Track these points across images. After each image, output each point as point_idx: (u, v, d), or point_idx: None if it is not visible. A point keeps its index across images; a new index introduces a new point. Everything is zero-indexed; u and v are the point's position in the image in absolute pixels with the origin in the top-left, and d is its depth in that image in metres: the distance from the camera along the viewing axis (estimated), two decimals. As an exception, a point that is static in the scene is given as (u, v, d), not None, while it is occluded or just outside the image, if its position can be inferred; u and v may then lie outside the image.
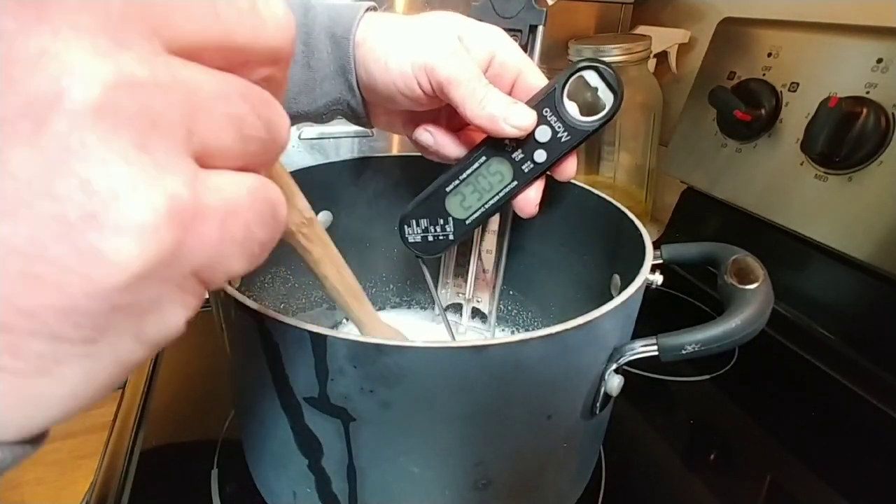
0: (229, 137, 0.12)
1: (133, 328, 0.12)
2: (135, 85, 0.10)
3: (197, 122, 0.12)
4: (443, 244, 0.37)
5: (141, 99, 0.10)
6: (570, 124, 0.32)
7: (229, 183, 0.13)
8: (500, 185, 0.34)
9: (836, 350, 0.52)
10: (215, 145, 0.12)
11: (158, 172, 0.11)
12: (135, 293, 0.11)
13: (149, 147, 0.11)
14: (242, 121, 0.13)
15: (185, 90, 0.11)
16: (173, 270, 0.11)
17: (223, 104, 0.12)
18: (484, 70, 0.32)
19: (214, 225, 0.12)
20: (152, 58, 0.11)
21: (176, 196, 0.11)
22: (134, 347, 0.12)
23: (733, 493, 0.39)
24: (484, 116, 0.31)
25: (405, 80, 0.31)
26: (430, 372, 0.24)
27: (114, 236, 0.10)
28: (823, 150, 0.51)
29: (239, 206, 0.13)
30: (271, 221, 0.14)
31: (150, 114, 0.11)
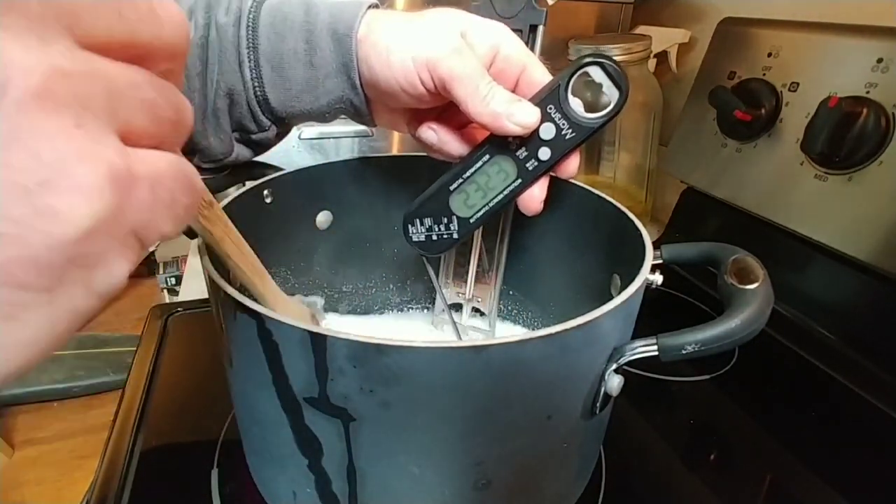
0: (146, 119, 0.15)
1: (85, 279, 0.14)
2: (65, 74, 0.12)
3: (118, 106, 0.14)
4: (447, 243, 0.37)
5: (72, 85, 0.13)
6: (574, 121, 0.32)
7: (152, 156, 0.15)
8: (504, 183, 0.34)
9: (836, 350, 0.52)
10: (135, 125, 0.14)
11: (95, 145, 0.13)
12: (86, 246, 0.13)
13: (84, 124, 0.13)
14: (154, 105, 0.15)
15: (104, 79, 0.13)
16: (116, 227, 0.14)
17: (137, 91, 0.14)
18: (487, 66, 0.32)
19: (146, 189, 0.14)
20: (72, 52, 0.13)
21: (113, 164, 0.13)
22: (86, 297, 0.14)
23: (733, 493, 0.39)
24: (487, 114, 0.31)
25: (408, 77, 0.31)
26: (430, 372, 0.24)
27: (67, 196, 0.12)
28: (823, 150, 0.51)
29: (163, 175, 0.15)
30: (191, 189, 0.16)
31: (81, 97, 0.13)
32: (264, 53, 0.34)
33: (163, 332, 0.53)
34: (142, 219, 0.14)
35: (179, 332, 0.54)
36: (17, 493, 1.11)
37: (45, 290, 0.13)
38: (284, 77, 0.34)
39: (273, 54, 0.34)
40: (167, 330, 0.54)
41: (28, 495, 1.11)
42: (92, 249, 0.13)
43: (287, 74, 0.34)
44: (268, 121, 0.36)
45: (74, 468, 1.13)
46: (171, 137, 0.16)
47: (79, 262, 0.13)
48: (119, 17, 0.14)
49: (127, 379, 0.48)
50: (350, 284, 0.49)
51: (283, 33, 0.34)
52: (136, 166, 0.14)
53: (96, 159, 0.13)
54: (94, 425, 1.23)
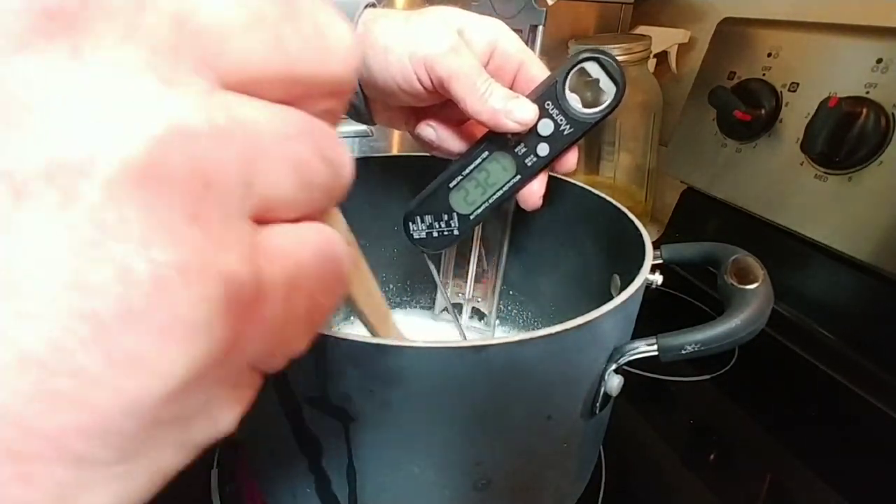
0: (292, 187, 0.10)
1: (177, 438, 0.10)
2: (188, 135, 0.08)
3: (257, 174, 0.09)
4: (448, 239, 0.37)
5: (194, 153, 0.08)
6: (572, 117, 0.32)
7: (293, 245, 0.10)
8: (503, 179, 0.34)
9: (836, 350, 0.52)
10: (276, 197, 0.10)
11: (213, 249, 0.09)
12: (181, 403, 0.09)
13: (202, 216, 0.08)
14: (307, 165, 0.10)
15: (244, 135, 0.09)
16: (228, 368, 0.10)
17: (285, 147, 0.10)
18: (485, 63, 0.32)
19: (277, 305, 0.10)
20: (207, 97, 0.09)
21: (233, 279, 0.09)
22: (176, 456, 0.10)
23: (733, 493, 0.39)
24: (485, 111, 0.31)
25: (405, 75, 0.31)
26: (430, 372, 0.24)
27: (157, 339, 0.08)
28: (823, 150, 0.51)
29: (304, 276, 0.10)
30: (336, 285, 0.12)
31: (205, 172, 0.08)
32: None
33: (163, 332, 0.53)
34: (267, 346, 0.10)
35: (179, 332, 0.53)
36: (17, 493, 1.11)
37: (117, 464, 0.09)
38: None
39: None
40: (167, 330, 0.53)
41: (28, 495, 1.11)
42: (190, 405, 0.09)
43: None
44: None
45: (74, 468, 1.13)
46: (320, 205, 0.11)
47: (169, 423, 0.09)
48: (277, 44, 0.10)
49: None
50: (350, 284, 0.49)
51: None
52: (269, 271, 0.10)
53: (210, 276, 0.08)
54: (94, 425, 1.23)
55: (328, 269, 0.11)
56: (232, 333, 0.09)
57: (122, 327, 0.08)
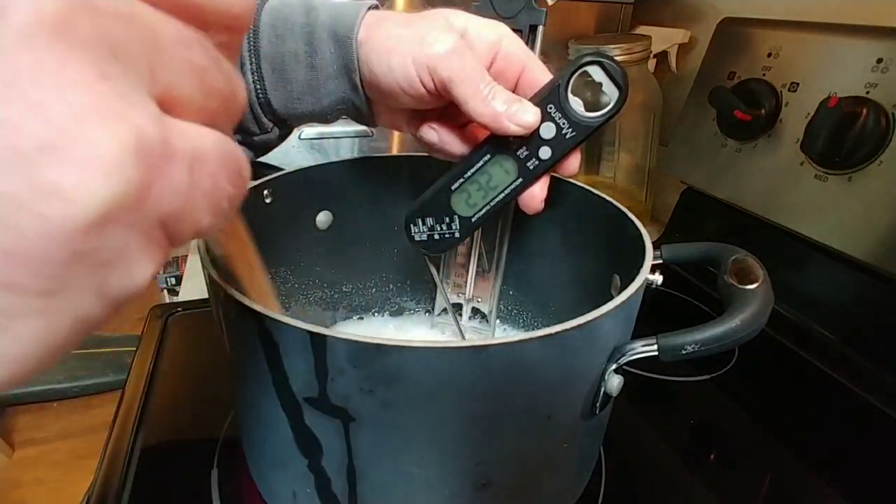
0: (192, 85, 0.12)
1: (95, 280, 0.10)
2: (94, 7, 0.09)
3: (159, 63, 0.11)
4: (449, 242, 0.37)
5: (102, 22, 0.09)
6: (574, 120, 0.32)
7: (195, 131, 0.12)
8: (505, 182, 0.34)
9: (836, 350, 0.52)
10: (179, 92, 0.11)
11: (123, 104, 0.10)
12: (98, 238, 0.10)
13: (110, 76, 0.09)
14: (205, 71, 0.12)
15: (147, 27, 0.10)
16: (140, 215, 0.10)
17: (186, 50, 0.11)
18: (487, 66, 0.32)
19: (183, 169, 0.11)
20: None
21: (143, 131, 0.10)
22: (95, 304, 0.11)
23: (733, 493, 0.39)
24: (487, 115, 0.31)
25: (408, 78, 0.31)
26: (430, 372, 0.24)
27: (75, 170, 0.09)
28: (823, 150, 0.51)
29: (207, 154, 0.12)
30: (238, 177, 0.13)
31: (111, 41, 0.10)
32: (265, 55, 0.34)
33: (163, 332, 0.53)
34: (174, 207, 0.11)
35: (179, 332, 0.54)
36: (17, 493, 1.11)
37: (42, 294, 0.10)
38: (286, 79, 0.34)
39: (274, 56, 0.34)
40: (167, 330, 0.54)
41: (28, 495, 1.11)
42: (106, 242, 0.10)
43: (288, 76, 0.34)
44: (270, 122, 0.36)
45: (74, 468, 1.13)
46: (221, 115, 0.13)
47: (88, 258, 0.10)
48: None
49: (127, 379, 0.48)
50: (350, 284, 0.49)
51: (283, 35, 0.34)
52: (174, 139, 0.11)
53: (122, 122, 0.10)
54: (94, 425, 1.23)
55: (229, 160, 0.12)
56: (143, 177, 0.10)
57: (42, 157, 0.09)
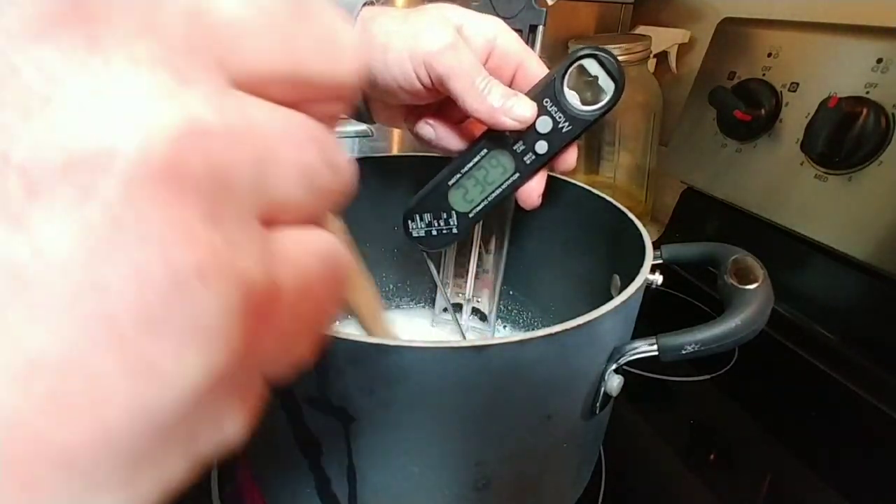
0: (300, 190, 0.10)
1: (185, 448, 0.09)
2: (206, 134, 0.08)
3: (271, 181, 0.09)
4: (447, 238, 0.37)
5: (212, 152, 0.08)
6: (571, 114, 0.32)
7: (301, 251, 0.10)
8: (502, 177, 0.34)
9: (836, 350, 0.52)
10: (284, 200, 0.10)
11: (230, 252, 0.08)
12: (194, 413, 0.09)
13: (219, 217, 0.08)
14: (313, 169, 0.10)
15: (257, 136, 0.09)
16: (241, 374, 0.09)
17: (294, 151, 0.10)
18: (484, 61, 0.32)
19: (288, 310, 0.10)
20: (220, 96, 0.09)
21: (249, 281, 0.09)
22: (182, 467, 0.09)
23: (733, 493, 0.39)
24: (484, 109, 0.30)
25: (404, 74, 0.31)
26: (430, 372, 0.24)
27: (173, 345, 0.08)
28: (823, 150, 0.51)
29: (312, 281, 0.10)
30: (339, 291, 0.12)
31: (222, 171, 0.08)
32: None
33: (163, 332, 0.53)
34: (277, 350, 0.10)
35: (179, 332, 0.53)
36: (17, 493, 1.11)
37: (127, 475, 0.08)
38: None
39: None
40: (167, 330, 0.53)
41: (28, 495, 1.11)
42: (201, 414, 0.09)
43: None
44: None
45: (74, 468, 1.13)
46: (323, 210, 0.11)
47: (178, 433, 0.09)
48: (288, 44, 0.10)
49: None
50: (350, 284, 0.49)
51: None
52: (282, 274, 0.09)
53: (228, 279, 0.08)
54: (94, 425, 1.23)
55: (333, 274, 0.11)
56: (247, 339, 0.09)
57: (139, 332, 0.07)
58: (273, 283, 0.09)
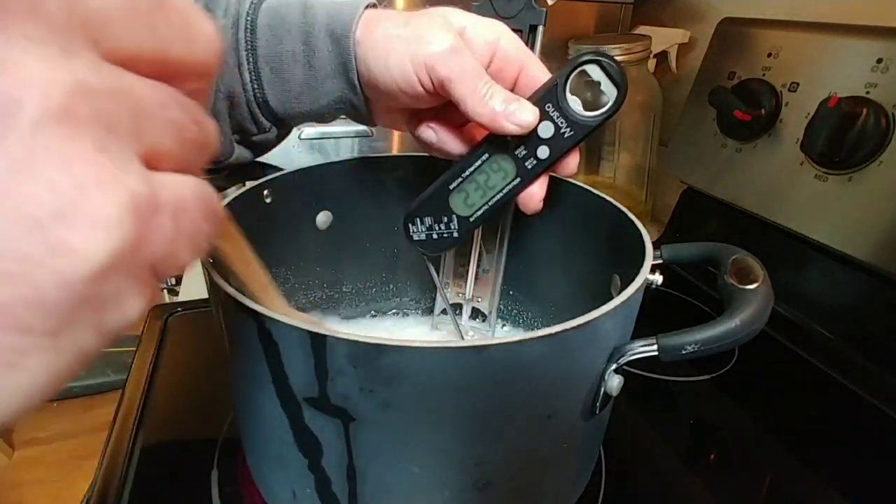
0: (172, 141, 0.13)
1: (95, 319, 0.12)
2: (89, 91, 0.11)
3: (144, 127, 0.12)
4: (448, 242, 0.37)
5: (95, 104, 0.11)
6: (573, 120, 0.31)
7: (175, 181, 0.14)
8: (503, 182, 0.34)
9: (836, 350, 0.52)
10: (160, 149, 0.13)
11: (118, 171, 0.12)
12: (100, 284, 0.12)
13: (106, 148, 0.11)
14: (181, 126, 0.14)
15: (131, 96, 0.12)
16: (135, 262, 0.12)
17: (164, 111, 0.13)
18: (486, 65, 0.32)
19: (168, 218, 0.13)
20: (98, 65, 0.12)
21: (136, 192, 0.12)
22: (94, 338, 0.12)
23: (733, 493, 0.39)
24: (485, 114, 0.30)
25: (406, 78, 0.31)
26: (430, 372, 0.24)
27: (83, 230, 0.11)
28: (823, 150, 0.51)
29: (186, 202, 0.14)
30: (213, 215, 0.15)
31: (105, 117, 0.11)
32: (263, 55, 0.34)
33: (163, 331, 0.53)
34: (162, 251, 0.13)
35: (179, 332, 0.54)
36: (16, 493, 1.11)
37: (50, 334, 0.11)
38: (283, 79, 0.34)
39: (271, 56, 0.34)
40: (167, 330, 0.53)
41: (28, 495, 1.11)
42: (106, 288, 0.12)
43: (286, 76, 0.34)
44: (268, 122, 0.36)
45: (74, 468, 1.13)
46: (195, 160, 0.15)
47: (90, 302, 0.12)
48: (151, 31, 0.13)
49: (127, 379, 0.47)
50: (350, 284, 0.49)
51: (280, 35, 0.33)
52: (160, 193, 0.13)
53: (118, 187, 0.11)
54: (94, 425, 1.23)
55: (204, 201, 0.14)
56: (137, 231, 0.12)
57: (56, 223, 0.11)
58: (153, 196, 0.12)
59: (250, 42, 0.33)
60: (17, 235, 0.10)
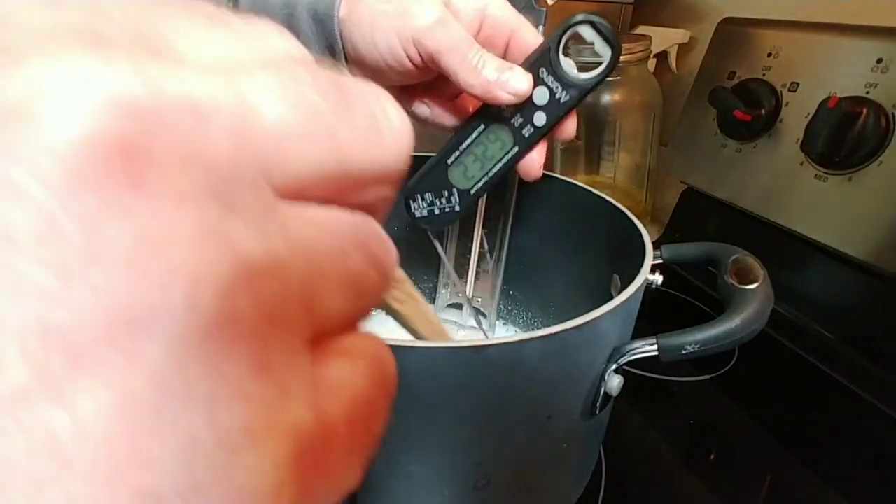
0: (346, 302, 0.09)
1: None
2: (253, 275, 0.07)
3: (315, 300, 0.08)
4: (450, 216, 0.36)
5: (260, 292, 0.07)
6: (568, 83, 0.31)
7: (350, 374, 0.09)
8: (501, 152, 0.34)
9: (836, 350, 0.52)
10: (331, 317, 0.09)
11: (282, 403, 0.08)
12: None
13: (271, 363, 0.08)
14: (361, 277, 0.09)
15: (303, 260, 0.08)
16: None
17: (341, 265, 0.09)
18: (475, 33, 0.31)
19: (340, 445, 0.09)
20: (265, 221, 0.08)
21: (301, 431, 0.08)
22: None
23: (733, 493, 0.39)
24: (479, 84, 0.30)
25: (394, 54, 0.30)
26: (430, 372, 0.24)
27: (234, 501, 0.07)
28: (823, 150, 0.51)
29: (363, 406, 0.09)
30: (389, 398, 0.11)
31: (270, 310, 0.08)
32: None
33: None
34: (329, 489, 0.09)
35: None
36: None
37: None
38: None
39: None
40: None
41: (28, 495, 1.11)
42: None
43: None
44: None
45: (74, 468, 1.13)
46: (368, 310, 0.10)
47: None
48: (332, 143, 0.09)
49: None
50: (350, 284, 0.49)
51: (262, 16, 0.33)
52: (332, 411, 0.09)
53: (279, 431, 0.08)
54: (94, 425, 1.23)
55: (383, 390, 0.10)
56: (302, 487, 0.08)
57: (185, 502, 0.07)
58: (325, 424, 0.08)
59: None
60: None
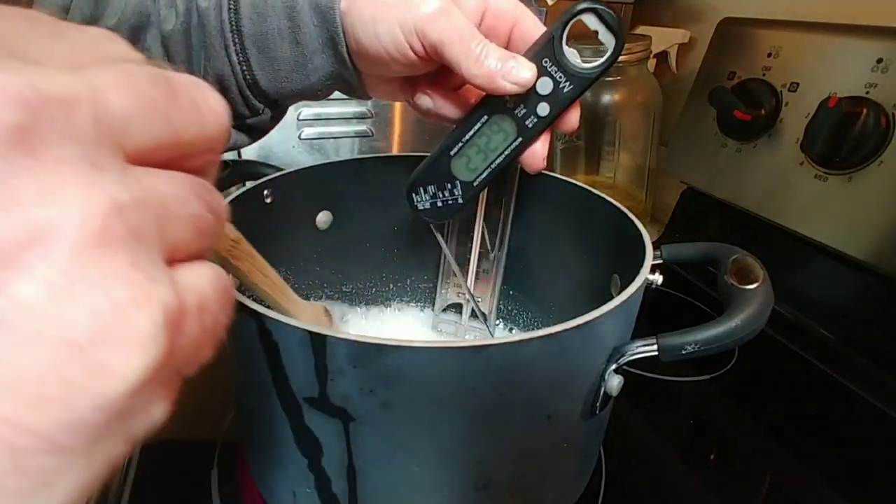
0: (191, 235, 0.13)
1: (125, 429, 0.12)
2: (121, 208, 0.11)
3: (167, 229, 0.13)
4: (453, 208, 0.36)
5: (127, 219, 0.11)
6: (571, 73, 0.31)
7: (196, 278, 0.14)
8: (504, 143, 0.33)
9: (836, 350, 0.52)
10: (180, 244, 0.13)
11: (150, 284, 0.11)
12: (133, 400, 0.11)
13: (138, 261, 0.11)
14: (199, 217, 0.14)
15: (156, 201, 0.12)
16: (164, 372, 0.12)
17: (185, 207, 0.13)
18: (477, 24, 0.31)
19: (194, 322, 0.13)
20: (124, 175, 0.12)
21: (168, 304, 0.12)
22: (123, 446, 0.12)
23: (733, 493, 0.39)
24: (482, 75, 0.30)
25: (397, 45, 0.30)
26: (430, 372, 0.24)
27: (121, 351, 0.11)
28: (823, 150, 0.51)
29: (207, 300, 0.14)
30: (230, 303, 0.15)
31: (135, 230, 0.11)
32: (248, 35, 0.33)
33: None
34: (189, 354, 0.13)
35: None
36: (17, 493, 1.11)
37: (84, 452, 0.11)
38: (271, 57, 0.33)
39: (257, 35, 0.33)
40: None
41: (28, 495, 1.11)
42: (138, 401, 0.12)
43: (273, 54, 0.33)
44: (260, 104, 0.36)
45: (74, 468, 1.13)
46: (209, 245, 0.15)
47: (122, 416, 0.12)
48: (167, 121, 0.13)
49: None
50: (350, 284, 0.49)
51: (264, 12, 0.33)
52: (186, 297, 0.13)
53: (152, 303, 0.11)
54: (94, 425, 1.23)
55: (222, 294, 0.14)
56: (169, 343, 0.12)
57: (95, 346, 0.11)
58: (182, 304, 0.12)
59: (234, 23, 0.33)
60: (58, 362, 0.10)
